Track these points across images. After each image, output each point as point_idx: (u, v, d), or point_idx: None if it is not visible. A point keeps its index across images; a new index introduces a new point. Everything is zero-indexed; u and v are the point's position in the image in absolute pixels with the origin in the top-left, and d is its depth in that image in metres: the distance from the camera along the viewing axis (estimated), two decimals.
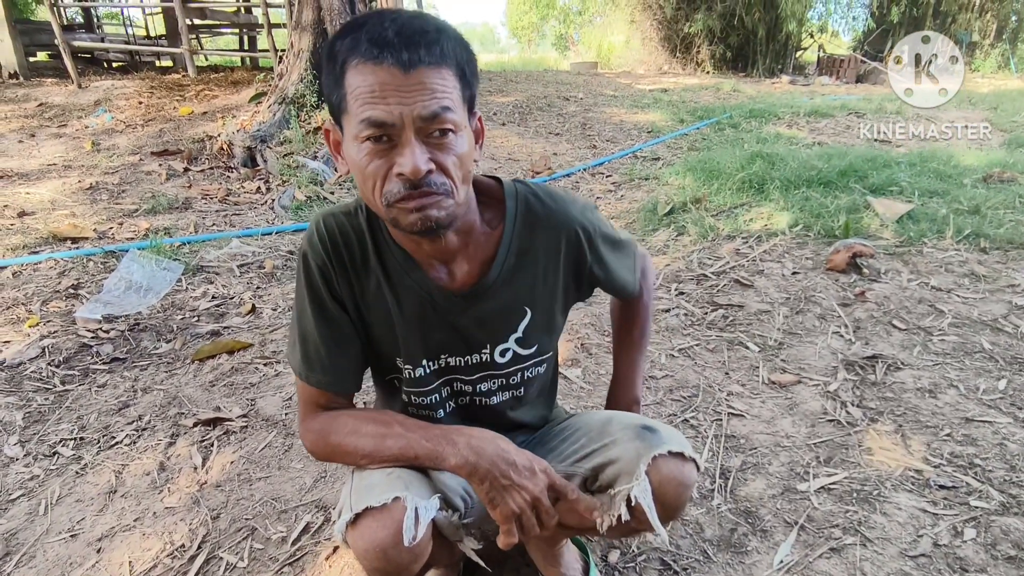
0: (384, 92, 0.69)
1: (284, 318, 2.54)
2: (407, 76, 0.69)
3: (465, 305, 0.90)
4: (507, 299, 0.92)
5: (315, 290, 0.88)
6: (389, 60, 0.68)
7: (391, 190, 0.74)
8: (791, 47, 12.94)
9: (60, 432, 1.84)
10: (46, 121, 5.99)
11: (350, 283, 0.89)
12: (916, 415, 1.74)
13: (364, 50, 0.69)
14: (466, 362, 0.95)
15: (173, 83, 7.51)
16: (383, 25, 0.70)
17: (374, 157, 0.73)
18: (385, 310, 0.90)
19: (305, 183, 4.31)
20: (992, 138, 5.53)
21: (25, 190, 4.18)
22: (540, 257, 0.92)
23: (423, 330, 0.91)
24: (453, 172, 0.75)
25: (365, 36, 0.70)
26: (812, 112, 6.58)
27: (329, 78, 0.74)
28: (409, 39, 0.69)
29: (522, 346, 0.96)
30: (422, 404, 0.98)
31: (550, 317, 0.98)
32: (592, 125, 6.47)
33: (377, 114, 0.70)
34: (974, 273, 2.55)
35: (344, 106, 0.73)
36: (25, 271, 2.93)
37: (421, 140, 0.72)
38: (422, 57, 0.69)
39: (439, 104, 0.71)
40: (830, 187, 3.65)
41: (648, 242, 3.21)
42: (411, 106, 0.70)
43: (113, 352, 2.29)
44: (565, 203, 0.93)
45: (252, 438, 1.79)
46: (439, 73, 0.71)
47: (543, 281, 0.94)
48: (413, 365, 0.93)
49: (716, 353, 2.15)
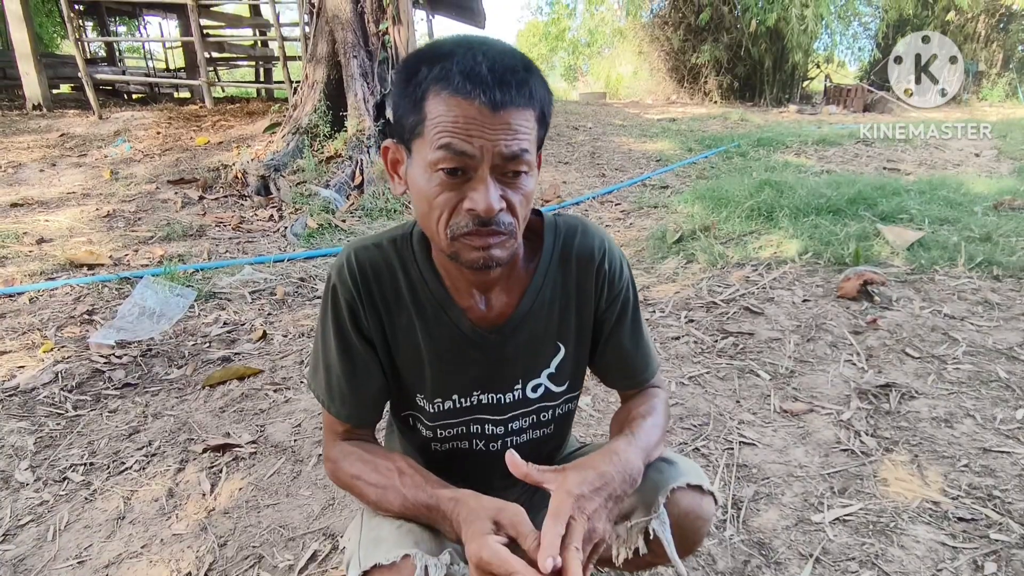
0: (469, 127, 0.68)
1: (294, 344, 2.55)
2: (495, 115, 0.68)
3: (500, 340, 0.89)
4: (540, 333, 0.91)
5: (341, 325, 0.86)
6: (481, 98, 0.68)
7: (459, 223, 0.73)
8: (798, 77, 13.10)
9: (71, 457, 1.85)
10: (67, 151, 6.13)
11: (380, 319, 0.87)
12: (932, 445, 1.71)
13: (456, 83, 0.68)
14: (499, 399, 0.93)
15: (190, 114, 7.69)
16: (475, 59, 0.69)
17: (445, 189, 0.72)
18: (415, 346, 0.88)
19: (317, 211, 4.37)
20: (1001, 166, 5.53)
21: (44, 217, 4.27)
22: (574, 292, 0.91)
23: (457, 366, 0.90)
24: (520, 212, 0.75)
25: (456, 68, 0.68)
26: (820, 140, 6.62)
27: (405, 100, 0.73)
28: (501, 78, 0.68)
29: (554, 382, 0.95)
30: (447, 436, 0.95)
31: (583, 353, 0.96)
32: (601, 154, 6.54)
33: (459, 144, 0.69)
34: (987, 301, 2.53)
35: (420, 130, 0.72)
36: (42, 297, 2.98)
37: (495, 178, 0.71)
38: (513, 99, 0.69)
39: (519, 146, 0.71)
40: (839, 215, 3.65)
41: (657, 269, 3.22)
42: (494, 143, 0.69)
43: (125, 378, 2.31)
44: (606, 244, 0.92)
45: (261, 464, 1.79)
46: (524, 114, 0.71)
47: (576, 316, 0.93)
48: (443, 398, 0.91)
49: (727, 381, 2.14)
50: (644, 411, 0.91)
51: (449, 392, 0.91)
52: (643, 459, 0.82)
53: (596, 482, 0.74)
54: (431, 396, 0.92)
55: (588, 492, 0.73)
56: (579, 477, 0.74)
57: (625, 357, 0.96)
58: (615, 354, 0.96)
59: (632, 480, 0.78)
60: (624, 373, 0.97)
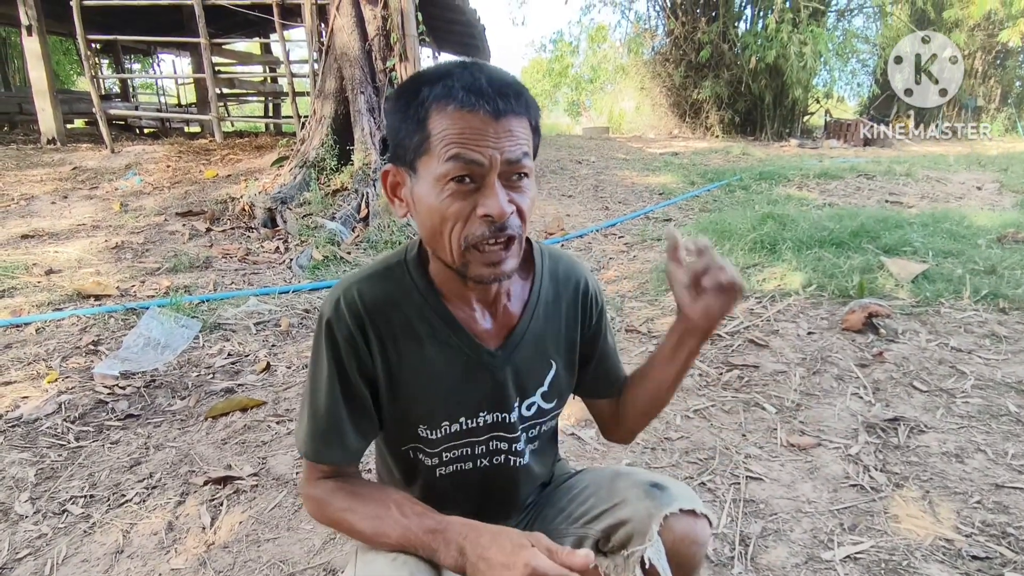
0: (475, 136, 0.73)
1: (298, 376, 2.55)
2: (498, 123, 0.73)
3: (504, 357, 0.91)
4: (537, 350, 0.94)
5: (339, 362, 0.85)
6: (485, 108, 0.73)
7: (474, 232, 0.76)
8: (798, 112, 13.28)
9: (71, 489, 1.84)
10: (79, 184, 6.24)
11: (385, 352, 0.86)
12: (943, 481, 1.68)
13: (460, 97, 0.73)
14: (502, 419, 0.93)
15: (200, 148, 7.83)
16: (474, 75, 0.75)
17: (456, 199, 0.75)
18: (423, 373, 0.88)
19: (323, 243, 4.41)
20: (1004, 199, 5.55)
21: (54, 249, 4.32)
22: (563, 309, 0.96)
23: (465, 387, 0.90)
24: (526, 214, 0.80)
25: (459, 84, 0.74)
26: (821, 174, 6.67)
27: (407, 122, 0.77)
28: (500, 90, 0.74)
29: (546, 399, 0.97)
30: (452, 459, 0.95)
31: (571, 371, 1.00)
32: (604, 187, 6.61)
33: (468, 153, 0.73)
34: (995, 334, 2.52)
35: (427, 147, 0.75)
36: (48, 327, 3.00)
37: (502, 183, 0.76)
38: (512, 107, 0.75)
39: (521, 150, 0.76)
40: (843, 247, 3.66)
41: (661, 302, 3.22)
42: (499, 149, 0.74)
43: (128, 409, 2.30)
44: (586, 273, 1.00)
45: (262, 497, 1.77)
46: (521, 122, 0.76)
47: (565, 334, 0.96)
48: (451, 421, 0.91)
49: (732, 414, 2.12)
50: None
51: (457, 415, 0.91)
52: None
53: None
54: (439, 420, 0.91)
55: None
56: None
57: (610, 368, 1.04)
58: (603, 368, 1.03)
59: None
60: (611, 381, 1.04)
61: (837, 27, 13.26)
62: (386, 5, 5.55)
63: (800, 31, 11.05)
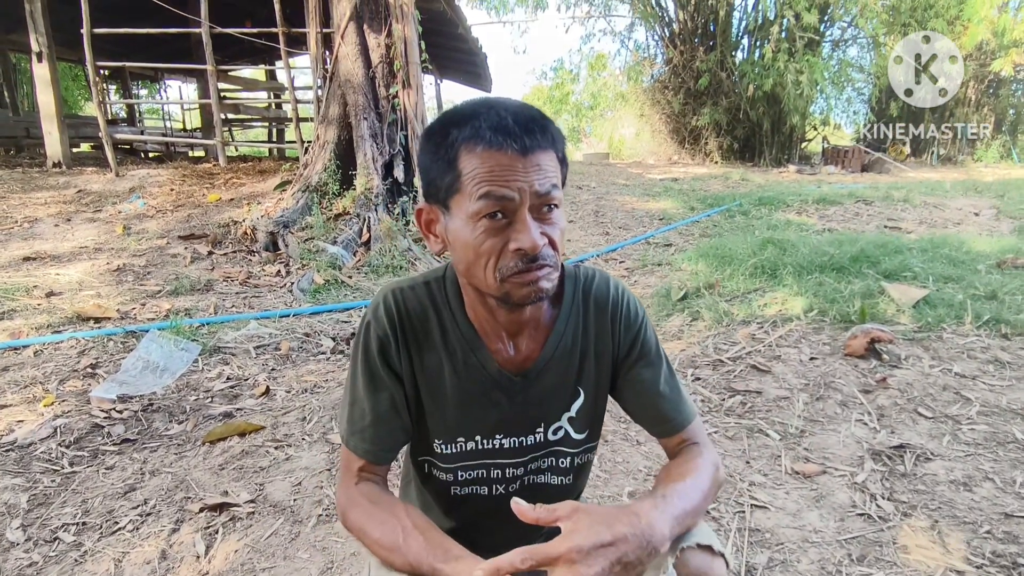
0: (504, 173, 0.75)
1: (297, 400, 2.53)
2: (526, 159, 0.76)
3: (524, 384, 0.92)
4: (562, 378, 0.93)
5: (371, 361, 0.89)
6: (513, 147, 0.75)
7: (507, 265, 0.78)
8: (796, 139, 13.43)
9: (63, 516, 1.80)
10: (83, 207, 6.27)
11: (410, 358, 0.90)
12: (952, 510, 1.65)
13: (488, 137, 0.75)
14: (520, 442, 0.94)
15: (204, 172, 7.90)
16: (500, 115, 0.77)
17: (490, 235, 0.77)
18: (442, 387, 0.91)
19: (324, 267, 4.41)
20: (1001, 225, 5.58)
21: (56, 271, 4.32)
22: (593, 339, 0.95)
23: (482, 408, 0.92)
24: (559, 245, 0.81)
25: (486, 125, 0.76)
26: (820, 200, 6.72)
27: (438, 163, 0.80)
28: (526, 127, 0.76)
29: (575, 428, 0.96)
30: (467, 480, 0.96)
31: (601, 401, 0.98)
32: (605, 212, 6.64)
33: (499, 190, 0.75)
34: (998, 360, 2.50)
35: (458, 186, 0.78)
36: (46, 350, 2.98)
37: (533, 216, 0.77)
38: (539, 142, 0.77)
39: (550, 183, 0.78)
40: (843, 272, 3.66)
41: (663, 327, 3.21)
42: (528, 184, 0.76)
43: (124, 433, 2.28)
44: (620, 290, 0.97)
45: (258, 525, 1.74)
46: (549, 156, 0.78)
47: (596, 363, 0.95)
48: (465, 438, 0.93)
49: (736, 441, 2.09)
50: (684, 471, 0.85)
51: (472, 433, 0.93)
52: (672, 526, 0.74)
53: (606, 539, 0.68)
54: (454, 436, 0.93)
55: (593, 549, 0.67)
56: (589, 529, 0.68)
57: (652, 400, 0.94)
58: (641, 397, 0.95)
59: (652, 549, 0.71)
60: (655, 418, 0.95)
61: (832, 56, 13.49)
62: (390, 33, 5.65)
63: (796, 60, 11.24)
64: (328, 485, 1.91)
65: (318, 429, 2.28)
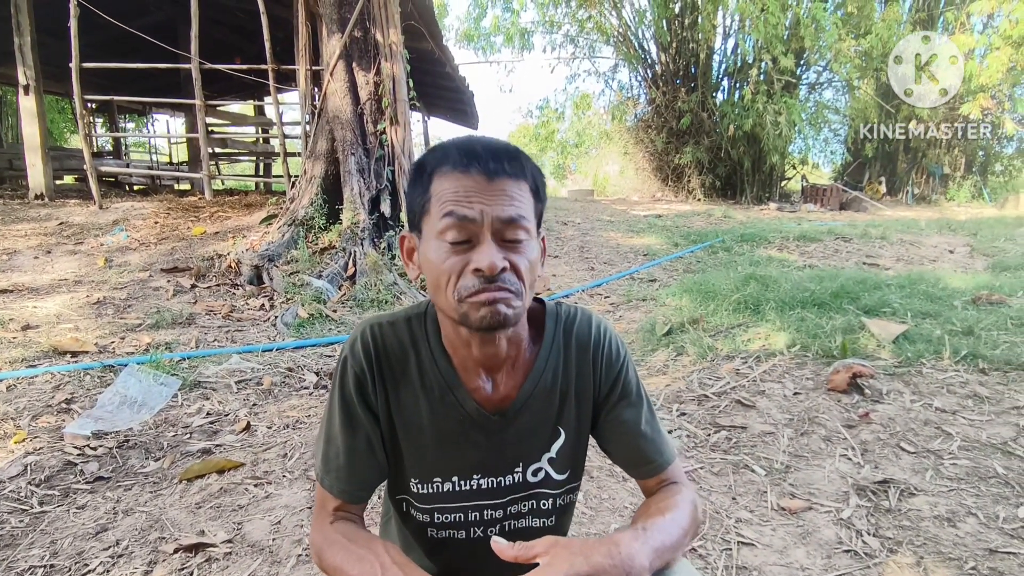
0: (469, 194, 0.77)
1: (279, 436, 2.48)
2: (491, 183, 0.77)
3: (503, 423, 0.90)
4: (541, 417, 0.92)
5: (347, 397, 0.89)
6: (476, 168, 0.77)
7: (465, 284, 0.78)
8: (776, 177, 13.76)
9: (30, 559, 1.74)
10: (64, 239, 6.21)
11: (387, 395, 0.89)
12: (937, 546, 1.65)
13: (454, 160, 0.78)
14: (498, 483, 0.93)
15: (189, 205, 7.88)
16: (471, 143, 0.80)
17: (452, 254, 0.78)
18: (419, 425, 0.90)
19: (309, 301, 4.39)
20: (975, 262, 5.72)
21: (33, 304, 4.25)
22: (574, 378, 0.93)
23: (460, 447, 0.90)
24: (524, 274, 0.80)
25: (455, 150, 0.79)
26: (801, 236, 6.85)
27: (416, 188, 0.83)
28: (495, 153, 0.79)
29: (555, 468, 0.94)
30: (444, 523, 0.94)
31: (582, 442, 0.97)
32: (590, 248, 6.71)
33: (460, 210, 0.77)
34: (977, 395, 2.53)
35: (427, 207, 0.80)
36: (20, 384, 2.91)
37: (497, 242, 0.78)
38: (505, 168, 0.78)
39: (516, 211, 0.78)
40: (824, 308, 3.72)
41: (648, 362, 3.22)
42: (492, 207, 0.77)
43: (98, 471, 2.21)
44: (602, 329, 0.95)
45: (235, 566, 1.69)
46: (518, 184, 0.80)
47: (576, 403, 0.94)
48: (443, 479, 0.91)
49: (721, 477, 2.08)
50: (663, 507, 0.85)
51: (449, 473, 0.91)
52: (652, 558, 0.75)
53: (582, 570, 0.69)
54: (430, 476, 0.91)
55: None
56: (567, 560, 0.69)
57: (633, 441, 0.93)
58: (622, 439, 0.94)
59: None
60: (635, 459, 0.94)
61: (809, 98, 13.97)
62: (379, 71, 5.75)
63: (774, 102, 11.61)
64: (309, 524, 1.86)
65: (299, 466, 2.23)
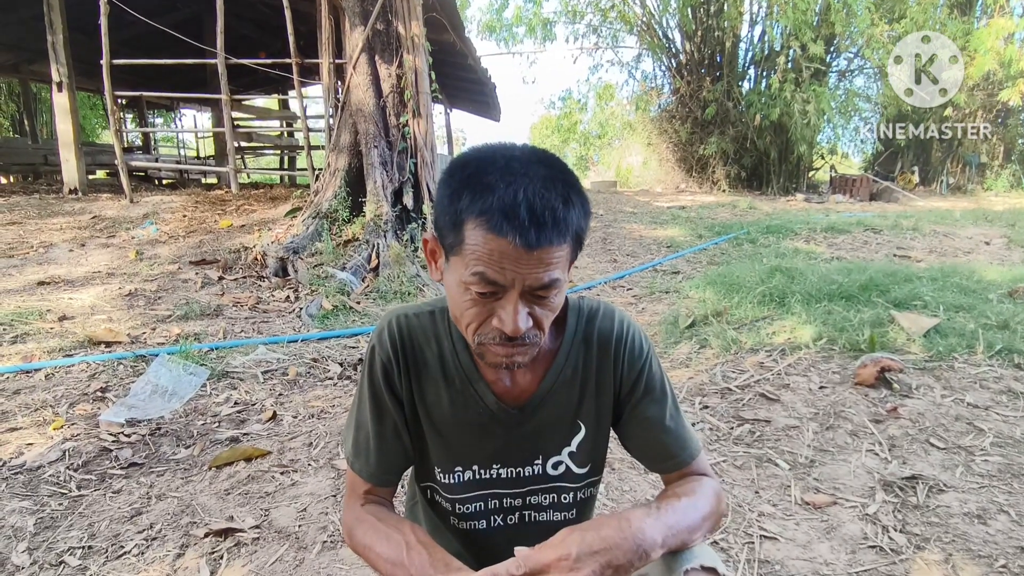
0: (502, 260, 0.72)
1: (304, 426, 2.53)
2: (529, 253, 0.71)
3: (521, 417, 0.92)
4: (561, 412, 0.93)
5: (375, 384, 0.91)
6: (516, 240, 0.70)
7: (486, 334, 0.78)
8: (803, 167, 13.49)
9: (70, 540, 1.80)
10: (97, 232, 6.38)
11: (411, 384, 0.92)
12: (966, 543, 1.62)
13: (494, 222, 0.70)
14: (518, 473, 0.94)
15: (216, 198, 8.03)
16: (515, 197, 0.70)
17: (476, 304, 0.76)
18: (441, 416, 0.92)
19: (333, 293, 4.44)
20: (1012, 254, 5.55)
21: (69, 295, 4.38)
22: (594, 374, 0.93)
23: (479, 439, 0.92)
24: (545, 324, 0.79)
25: (496, 206, 0.70)
26: (828, 228, 6.72)
27: (447, 217, 0.76)
28: (539, 218, 0.70)
29: (576, 462, 0.95)
30: (467, 514, 0.96)
31: (603, 435, 0.97)
32: (612, 240, 6.67)
33: (492, 274, 0.73)
34: (1011, 390, 2.47)
35: (459, 251, 0.75)
36: (58, 373, 3.01)
37: (524, 298, 0.75)
38: (549, 237, 0.71)
39: (550, 276, 0.74)
40: (852, 301, 3.65)
41: (670, 355, 3.20)
42: (524, 276, 0.73)
43: (132, 457, 2.28)
44: (625, 324, 0.94)
45: (263, 551, 1.73)
46: (559, 248, 0.73)
47: (596, 398, 0.94)
48: (463, 468, 0.94)
49: (744, 470, 2.07)
50: (681, 492, 0.86)
51: (469, 462, 0.94)
52: (664, 535, 0.75)
53: (595, 545, 0.70)
54: (452, 465, 0.94)
55: (584, 554, 0.69)
56: (579, 537, 0.71)
57: (656, 436, 0.92)
58: (645, 434, 0.93)
59: (642, 552, 0.73)
60: (658, 454, 0.94)
61: (839, 87, 13.63)
62: (401, 64, 5.78)
63: (803, 90, 11.36)
64: (333, 511, 1.90)
65: (324, 455, 2.28)
